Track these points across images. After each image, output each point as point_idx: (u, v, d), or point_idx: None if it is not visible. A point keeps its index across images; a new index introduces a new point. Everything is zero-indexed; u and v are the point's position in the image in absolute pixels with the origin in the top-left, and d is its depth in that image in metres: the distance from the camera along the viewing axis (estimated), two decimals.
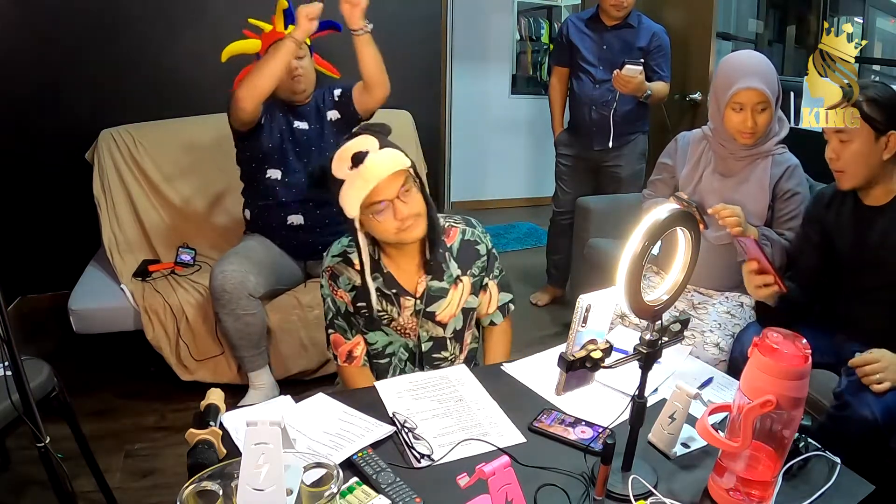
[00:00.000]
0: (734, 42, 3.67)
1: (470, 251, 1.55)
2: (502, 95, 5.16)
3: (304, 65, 2.27)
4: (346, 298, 1.50)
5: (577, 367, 0.98)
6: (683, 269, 1.06)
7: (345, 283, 1.50)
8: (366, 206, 1.35)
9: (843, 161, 1.51)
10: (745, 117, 1.78)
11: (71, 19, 2.79)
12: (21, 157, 2.87)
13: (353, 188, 1.32)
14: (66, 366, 2.06)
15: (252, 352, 2.26)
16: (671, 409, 1.15)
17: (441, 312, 1.52)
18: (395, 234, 1.39)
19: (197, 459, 1.03)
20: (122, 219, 2.67)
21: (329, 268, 1.51)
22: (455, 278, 1.52)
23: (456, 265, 1.52)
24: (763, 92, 1.75)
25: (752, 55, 1.87)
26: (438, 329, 1.54)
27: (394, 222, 1.37)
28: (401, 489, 1.04)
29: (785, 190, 1.83)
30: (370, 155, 1.32)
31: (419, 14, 3.36)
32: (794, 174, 1.84)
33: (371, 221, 1.38)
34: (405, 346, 1.56)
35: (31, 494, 1.91)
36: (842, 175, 1.54)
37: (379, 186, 1.33)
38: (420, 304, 1.51)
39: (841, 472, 1.11)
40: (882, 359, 1.39)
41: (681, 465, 1.15)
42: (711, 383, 1.41)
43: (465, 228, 1.56)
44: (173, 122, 2.87)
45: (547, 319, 3.17)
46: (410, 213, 1.37)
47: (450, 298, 1.52)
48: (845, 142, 1.49)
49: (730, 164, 1.89)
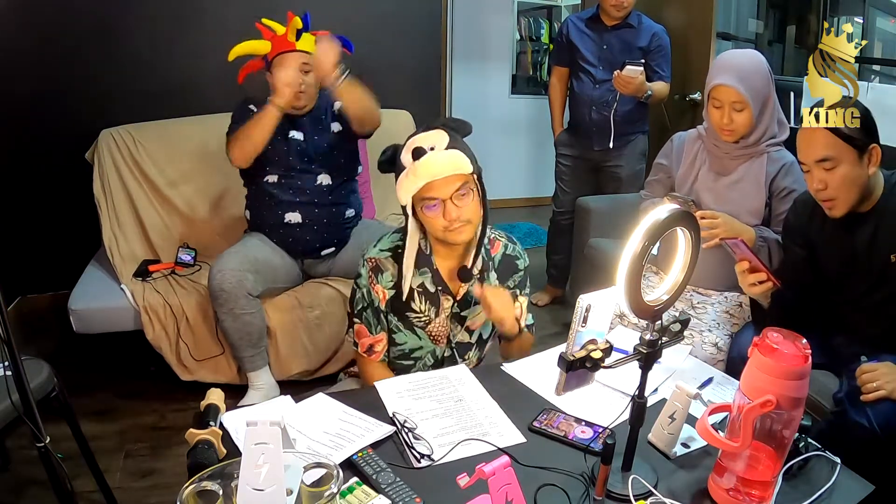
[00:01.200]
0: (734, 42, 3.67)
1: (510, 265, 1.57)
2: (502, 95, 5.16)
3: (308, 81, 2.24)
4: (383, 295, 1.49)
5: (577, 367, 0.98)
6: (683, 269, 1.06)
7: (386, 280, 1.48)
8: (418, 199, 1.38)
9: (832, 189, 1.46)
10: (723, 114, 1.80)
11: (71, 19, 2.79)
12: (21, 157, 2.87)
13: (407, 179, 1.36)
14: (66, 366, 2.06)
15: (251, 351, 2.26)
16: (671, 409, 1.15)
17: (473, 318, 1.54)
18: (441, 232, 1.40)
19: (197, 459, 1.03)
20: (122, 219, 2.67)
21: (374, 259, 1.49)
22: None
23: (496, 275, 1.55)
24: (738, 91, 1.75)
25: (743, 54, 1.87)
26: (465, 335, 1.55)
27: (442, 221, 1.38)
28: (401, 489, 1.04)
29: (781, 188, 1.83)
30: (433, 153, 1.34)
31: (419, 14, 3.36)
32: (789, 171, 1.83)
33: (422, 213, 1.41)
34: (433, 352, 1.55)
35: (31, 494, 1.91)
36: (833, 203, 1.48)
37: (433, 184, 1.35)
38: (456, 308, 1.52)
39: (841, 472, 1.11)
40: (879, 368, 1.37)
41: (681, 465, 1.15)
42: (711, 383, 1.41)
43: (507, 243, 1.59)
44: (173, 122, 2.87)
45: (547, 319, 3.17)
46: (460, 218, 1.38)
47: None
48: (831, 169, 1.44)
49: (725, 163, 1.90)
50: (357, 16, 3.19)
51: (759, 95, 1.80)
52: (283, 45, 2.21)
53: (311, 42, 2.22)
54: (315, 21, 2.29)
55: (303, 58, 2.22)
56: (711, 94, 1.81)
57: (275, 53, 2.22)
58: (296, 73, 2.16)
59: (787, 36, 3.86)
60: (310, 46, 2.21)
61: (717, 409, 1.09)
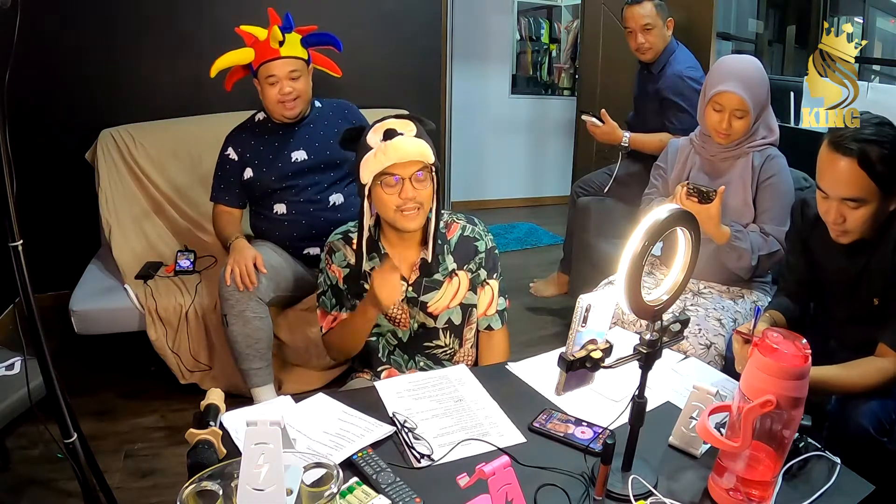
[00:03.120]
0: (734, 42, 3.67)
1: (468, 247, 1.59)
2: (502, 95, 5.16)
3: (297, 87, 2.15)
4: (338, 274, 1.58)
5: (577, 367, 0.98)
6: (683, 269, 1.06)
7: (339, 260, 1.58)
8: (379, 175, 1.43)
9: (851, 223, 1.38)
10: (723, 118, 1.84)
11: (71, 19, 2.78)
12: (21, 157, 2.85)
13: (374, 158, 1.42)
14: (67, 366, 2.06)
15: (259, 363, 2.13)
16: (692, 410, 1.15)
17: (433, 304, 1.57)
18: (393, 213, 1.46)
19: (197, 459, 1.03)
20: (122, 219, 2.66)
21: (329, 243, 1.60)
22: (450, 272, 1.57)
23: (452, 259, 1.57)
24: (743, 99, 1.79)
25: (746, 60, 1.91)
26: (430, 320, 1.58)
27: (397, 199, 1.44)
28: (401, 489, 1.04)
29: (764, 178, 1.86)
30: (403, 137, 1.42)
31: (419, 14, 3.36)
32: (772, 162, 1.86)
33: (378, 191, 1.46)
34: (394, 332, 1.61)
35: (31, 494, 1.91)
36: (846, 236, 1.41)
37: (396, 164, 1.42)
38: (412, 292, 1.55)
39: (841, 472, 1.11)
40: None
41: (681, 465, 1.15)
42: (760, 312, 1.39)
43: (465, 225, 1.61)
44: (173, 122, 2.87)
45: (547, 319, 3.17)
46: (416, 199, 1.45)
47: (443, 291, 1.57)
48: (856, 208, 1.35)
49: (715, 165, 1.94)
50: (357, 16, 3.19)
51: (759, 104, 1.85)
52: (267, 53, 2.11)
53: (296, 45, 2.15)
54: (315, 21, 2.27)
55: (290, 64, 2.13)
56: (714, 98, 1.83)
57: (260, 62, 2.13)
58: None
59: (787, 36, 3.86)
60: (295, 50, 2.14)
61: (717, 409, 1.09)
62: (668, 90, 2.57)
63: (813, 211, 1.55)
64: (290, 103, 2.17)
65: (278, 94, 2.14)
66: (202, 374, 2.38)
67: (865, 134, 1.30)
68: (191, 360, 2.36)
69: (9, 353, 1.96)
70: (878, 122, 1.33)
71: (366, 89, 3.14)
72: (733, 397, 1.04)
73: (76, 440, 1.37)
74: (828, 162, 1.35)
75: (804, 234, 1.61)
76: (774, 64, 3.89)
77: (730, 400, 1.10)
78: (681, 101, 2.54)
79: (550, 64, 5.38)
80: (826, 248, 1.53)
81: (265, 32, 2.14)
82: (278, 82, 2.13)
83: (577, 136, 4.01)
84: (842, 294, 1.54)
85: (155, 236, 2.70)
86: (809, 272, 1.63)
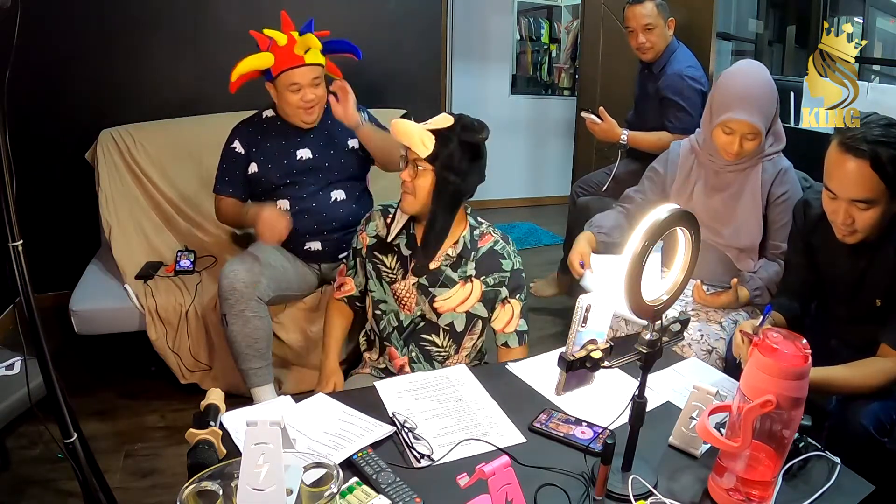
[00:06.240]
0: (734, 42, 3.67)
1: (493, 261, 1.61)
2: (502, 95, 5.16)
3: (318, 93, 2.15)
4: (365, 241, 1.68)
5: (577, 367, 0.98)
6: (683, 269, 1.06)
7: (371, 229, 1.68)
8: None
9: (859, 224, 1.38)
10: (733, 141, 1.78)
11: (71, 19, 2.79)
12: (21, 157, 2.85)
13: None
14: (67, 366, 2.06)
15: (258, 363, 2.12)
16: (692, 410, 1.15)
17: (441, 300, 1.58)
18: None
19: (197, 459, 1.03)
20: (122, 219, 2.66)
21: (370, 213, 1.71)
22: (467, 276, 1.58)
23: (473, 266, 1.59)
24: (756, 126, 1.74)
25: (753, 76, 1.80)
26: (433, 314, 1.60)
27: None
28: (401, 489, 1.04)
29: (777, 195, 1.82)
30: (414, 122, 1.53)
31: (419, 14, 3.36)
32: (785, 178, 1.82)
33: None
34: (396, 314, 1.64)
35: (31, 494, 1.91)
36: (854, 236, 1.41)
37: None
38: (425, 281, 1.58)
39: (841, 472, 1.11)
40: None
41: (681, 465, 1.15)
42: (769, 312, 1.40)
43: (498, 240, 1.64)
44: (173, 122, 2.87)
45: (547, 319, 3.17)
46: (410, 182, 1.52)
47: (454, 291, 1.58)
48: (865, 209, 1.35)
49: (722, 176, 1.89)
50: (357, 16, 3.19)
51: (769, 120, 1.79)
52: (291, 60, 2.09)
53: (317, 52, 2.14)
54: (316, 21, 2.27)
55: (313, 71, 2.12)
56: (725, 122, 1.77)
57: (282, 69, 2.10)
58: (285, 227, 2.09)
59: (787, 36, 3.86)
60: (317, 57, 2.13)
61: (717, 409, 1.09)
62: (668, 89, 2.57)
63: (815, 211, 1.55)
64: (311, 109, 2.18)
65: (301, 101, 2.14)
66: (202, 374, 2.38)
67: (875, 135, 1.29)
68: (191, 360, 2.36)
69: (9, 353, 1.97)
70: (885, 122, 1.31)
71: (366, 89, 3.13)
72: (733, 397, 1.04)
73: (76, 440, 1.37)
74: (837, 163, 1.34)
75: (806, 234, 1.61)
76: (774, 64, 3.88)
77: (730, 400, 1.10)
78: (680, 100, 2.55)
79: (550, 64, 5.38)
80: (828, 249, 1.53)
81: (283, 37, 2.11)
82: (301, 89, 2.13)
83: (577, 136, 4.01)
84: (844, 294, 1.54)
85: (155, 236, 2.69)
86: (811, 272, 1.63)
